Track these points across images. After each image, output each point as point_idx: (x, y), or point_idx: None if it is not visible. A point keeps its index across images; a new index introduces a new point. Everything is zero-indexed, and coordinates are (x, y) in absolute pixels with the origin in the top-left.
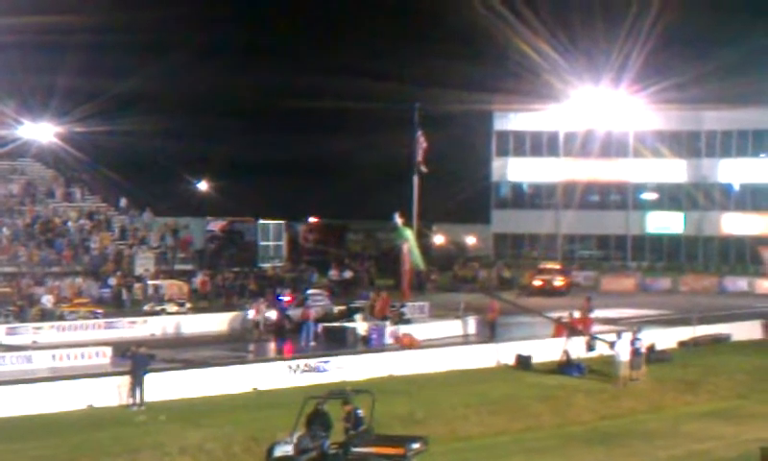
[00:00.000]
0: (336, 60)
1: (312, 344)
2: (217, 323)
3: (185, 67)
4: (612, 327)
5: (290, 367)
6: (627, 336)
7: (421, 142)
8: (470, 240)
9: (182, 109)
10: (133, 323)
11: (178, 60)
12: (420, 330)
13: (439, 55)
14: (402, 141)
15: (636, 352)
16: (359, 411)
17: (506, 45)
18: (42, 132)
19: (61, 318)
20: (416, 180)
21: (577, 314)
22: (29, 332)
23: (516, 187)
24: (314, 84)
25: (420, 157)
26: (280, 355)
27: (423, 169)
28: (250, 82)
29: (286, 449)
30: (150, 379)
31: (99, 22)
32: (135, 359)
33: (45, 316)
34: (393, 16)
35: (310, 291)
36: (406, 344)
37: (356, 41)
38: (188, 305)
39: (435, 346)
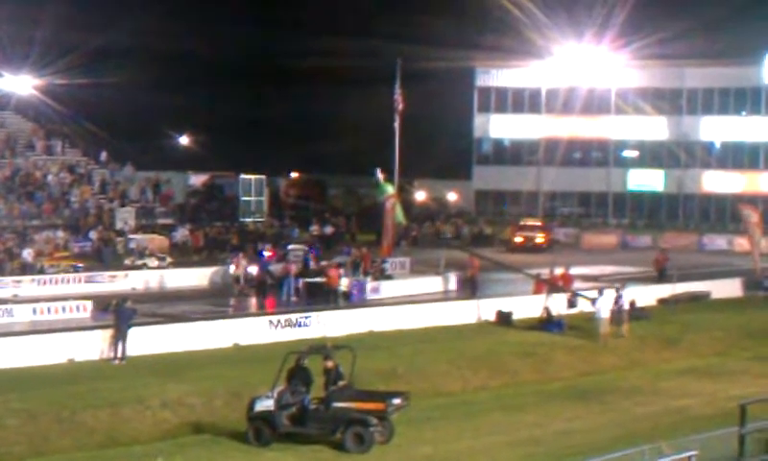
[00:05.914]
0: (317, 16)
1: (293, 299)
2: (198, 277)
3: (167, 20)
4: (594, 284)
5: (271, 322)
6: (608, 293)
7: (398, 102)
8: (452, 196)
9: (164, 62)
10: (114, 277)
11: (160, 12)
12: (400, 286)
13: (421, 11)
14: (384, 97)
15: (619, 310)
16: (339, 367)
17: (488, 1)
18: (22, 84)
19: (42, 272)
20: (397, 136)
21: (559, 271)
22: (9, 286)
23: (498, 144)
24: (296, 40)
25: (397, 115)
26: (261, 310)
27: (396, 127)
28: (232, 37)
29: (267, 404)
30: (131, 334)
31: None
32: (120, 313)
33: (26, 270)
34: None
35: (291, 246)
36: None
37: None
38: (169, 260)
39: (416, 302)
